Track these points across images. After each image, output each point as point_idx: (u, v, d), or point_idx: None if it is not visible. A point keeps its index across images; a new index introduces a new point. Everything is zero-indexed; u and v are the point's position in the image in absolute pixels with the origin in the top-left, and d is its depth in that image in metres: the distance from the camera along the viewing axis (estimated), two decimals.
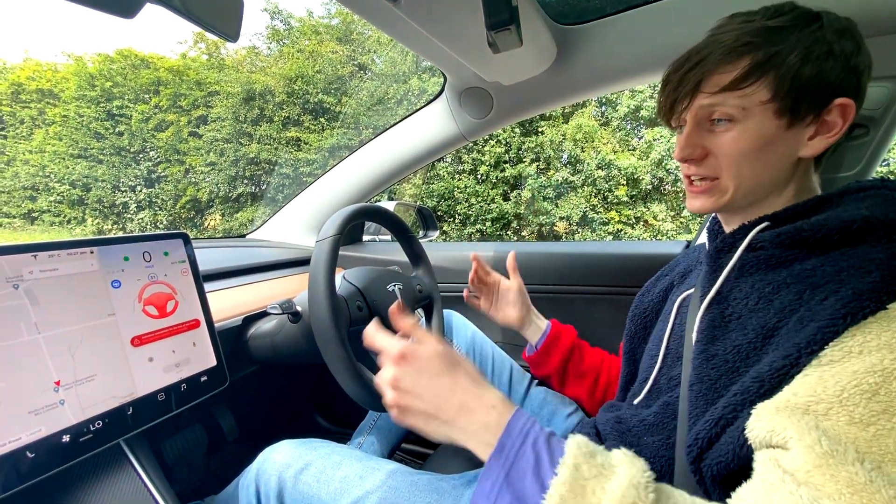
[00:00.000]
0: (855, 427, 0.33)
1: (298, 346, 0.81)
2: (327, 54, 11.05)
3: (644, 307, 0.71)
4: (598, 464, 0.36)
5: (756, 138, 0.48)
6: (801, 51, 0.45)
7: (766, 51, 0.46)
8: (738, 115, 0.48)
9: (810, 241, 0.44)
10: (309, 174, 10.27)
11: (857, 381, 0.34)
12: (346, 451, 0.71)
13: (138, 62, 11.37)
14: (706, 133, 0.51)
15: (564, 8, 0.87)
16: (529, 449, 0.38)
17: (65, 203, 11.52)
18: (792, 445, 0.34)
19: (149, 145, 11.36)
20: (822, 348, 0.37)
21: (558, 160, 9.60)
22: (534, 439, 0.39)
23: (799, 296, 0.42)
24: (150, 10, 0.44)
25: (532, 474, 0.37)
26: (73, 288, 0.56)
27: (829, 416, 0.34)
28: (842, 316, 0.37)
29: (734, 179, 0.51)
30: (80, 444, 0.54)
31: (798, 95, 0.46)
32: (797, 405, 0.35)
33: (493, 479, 0.38)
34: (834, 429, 0.33)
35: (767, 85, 0.47)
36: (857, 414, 0.33)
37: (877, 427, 0.33)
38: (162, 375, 0.64)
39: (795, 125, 0.48)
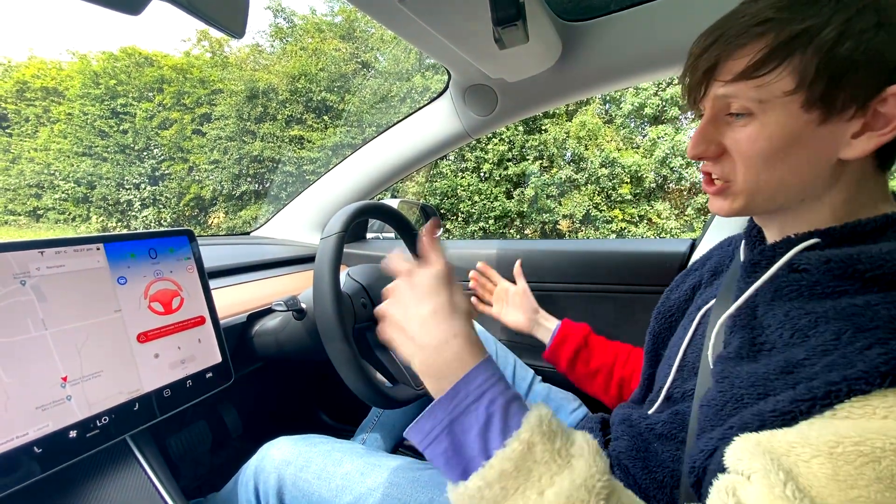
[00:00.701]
0: (835, 484, 0.28)
1: (303, 342, 0.81)
2: (330, 52, 11.06)
3: (670, 305, 0.66)
4: (554, 449, 0.33)
5: (777, 137, 0.39)
6: (839, 24, 0.35)
7: (792, 28, 0.37)
8: (755, 108, 0.40)
9: (867, 276, 0.36)
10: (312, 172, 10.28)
11: (861, 438, 0.28)
12: (346, 447, 0.71)
13: (142, 60, 11.40)
14: (724, 126, 0.43)
15: (569, 4, 0.86)
16: (483, 408, 0.35)
17: (70, 201, 11.59)
18: (755, 480, 0.30)
19: (153, 143, 11.40)
20: (842, 402, 0.31)
21: (562, 158, 9.57)
22: (491, 399, 0.35)
23: (837, 336, 0.34)
24: (155, 6, 0.43)
25: (477, 433, 0.34)
26: (79, 284, 0.57)
27: (809, 465, 0.29)
28: (881, 375, 0.30)
29: (749, 184, 0.43)
30: (86, 440, 0.55)
31: (833, 82, 0.36)
32: (780, 443, 0.31)
33: (434, 421, 0.36)
34: (809, 478, 0.29)
35: (791, 71, 0.37)
36: (843, 472, 0.28)
37: (859, 493, 0.27)
38: (167, 372, 0.64)
39: (832, 120, 0.38)
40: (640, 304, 1.12)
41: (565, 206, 9.30)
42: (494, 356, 0.96)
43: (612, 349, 0.86)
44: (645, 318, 1.10)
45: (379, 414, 1.04)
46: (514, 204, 9.56)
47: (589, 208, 9.25)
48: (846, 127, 0.38)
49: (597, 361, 0.84)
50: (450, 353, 0.38)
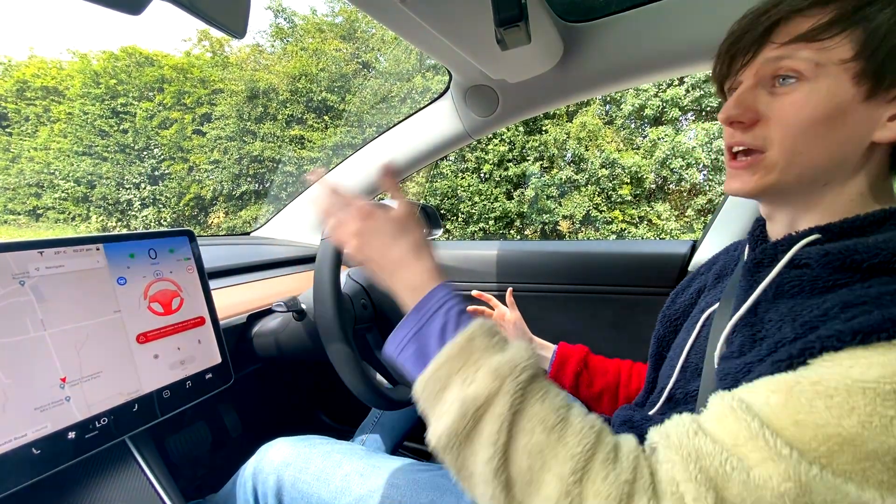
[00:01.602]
0: (784, 411, 0.31)
1: (303, 343, 0.81)
2: (331, 52, 11.05)
3: (676, 308, 0.66)
4: (492, 342, 0.39)
5: (824, 105, 0.39)
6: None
7: (857, 1, 0.38)
8: (808, 71, 0.39)
9: (863, 266, 0.37)
10: None
11: (818, 378, 0.31)
12: (346, 448, 0.71)
13: (143, 60, 11.40)
14: (764, 94, 0.43)
15: (571, 5, 0.86)
16: (441, 315, 0.42)
17: (69, 200, 11.58)
18: (709, 405, 0.35)
19: (153, 143, 11.39)
20: (815, 357, 0.33)
21: (562, 159, 9.57)
22: (448, 308, 0.42)
23: (825, 312, 0.35)
24: (156, 6, 0.43)
25: (437, 336, 0.41)
26: (79, 285, 0.57)
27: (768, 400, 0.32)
28: (852, 332, 0.31)
29: (786, 154, 0.42)
30: (85, 441, 0.55)
31: (887, 60, 0.38)
32: (744, 390, 0.35)
33: (405, 330, 0.43)
34: (762, 407, 0.32)
35: (854, 40, 0.38)
36: (794, 402, 0.31)
37: (805, 417, 0.30)
38: (167, 372, 0.64)
39: (876, 97, 0.39)
40: (641, 306, 1.12)
41: (565, 207, 9.29)
42: None
43: (614, 368, 0.84)
44: (646, 319, 1.10)
45: (379, 415, 1.04)
46: (515, 205, 9.55)
47: (589, 209, 9.25)
48: (886, 108, 0.39)
49: (599, 383, 0.82)
50: (416, 278, 0.45)
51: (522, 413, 0.35)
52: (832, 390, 0.30)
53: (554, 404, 0.36)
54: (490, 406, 0.35)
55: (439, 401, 0.38)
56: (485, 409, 0.35)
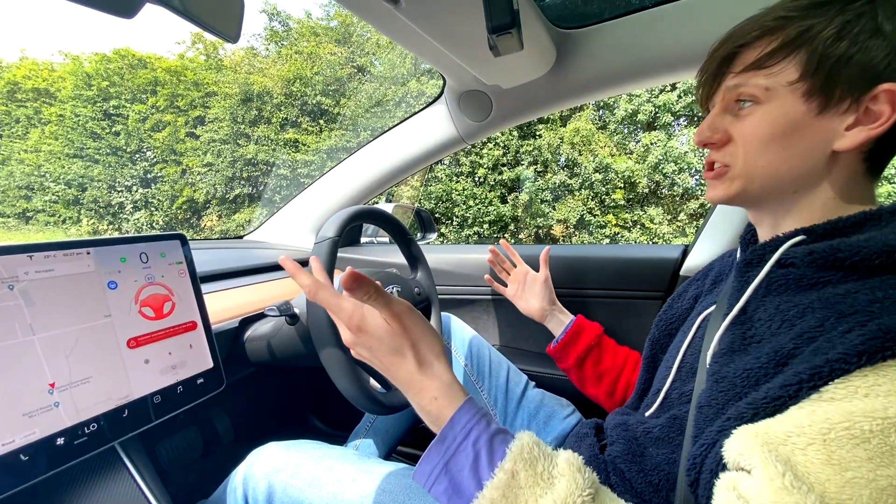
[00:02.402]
0: (830, 468, 0.30)
1: (296, 348, 0.80)
2: (326, 56, 11.06)
3: (672, 313, 0.67)
4: (537, 473, 0.35)
5: (778, 123, 0.43)
6: (838, 25, 0.40)
7: (800, 26, 0.41)
8: (761, 95, 0.44)
9: (846, 264, 0.39)
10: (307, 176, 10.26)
11: (850, 422, 0.30)
12: (339, 452, 0.70)
13: (136, 62, 11.35)
14: (731, 117, 0.47)
15: (564, 12, 0.87)
16: (470, 446, 0.38)
17: (60, 203, 11.47)
18: (755, 473, 0.32)
19: (145, 145, 11.33)
20: (827, 384, 0.33)
21: (556, 163, 9.62)
22: (476, 437, 0.38)
23: (821, 323, 0.37)
24: (149, 10, 0.43)
25: (470, 470, 0.37)
26: (68, 289, 0.56)
27: (806, 452, 0.31)
28: (857, 353, 0.32)
29: (747, 168, 0.46)
30: (74, 447, 0.54)
31: (831, 75, 0.41)
32: (777, 434, 0.33)
33: (433, 464, 0.39)
34: (806, 465, 0.31)
35: (797, 63, 0.42)
36: (836, 456, 0.30)
37: (854, 474, 0.29)
38: (158, 377, 0.64)
39: (829, 111, 0.42)
40: (634, 309, 1.13)
41: (559, 211, 9.34)
42: (488, 362, 0.96)
43: (623, 353, 0.86)
44: (639, 323, 1.11)
45: (372, 420, 1.03)
46: (509, 209, 9.58)
47: (583, 213, 9.30)
48: (841, 119, 0.42)
49: (607, 363, 0.84)
50: (432, 406, 0.41)
51: None
52: (867, 433, 0.30)
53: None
54: None
55: None
56: None
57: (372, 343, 0.42)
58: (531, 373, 1.03)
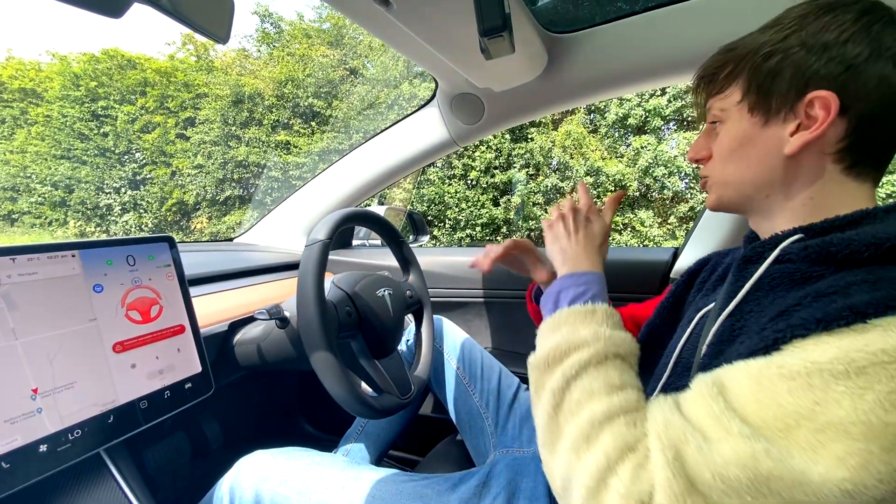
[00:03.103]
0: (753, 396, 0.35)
1: (286, 352, 0.80)
2: (318, 58, 11.02)
3: (677, 302, 0.68)
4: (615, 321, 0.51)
5: (735, 138, 0.49)
6: (772, 43, 0.45)
7: (742, 51, 0.48)
8: (721, 116, 0.51)
9: (838, 258, 0.41)
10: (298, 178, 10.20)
11: (782, 363, 0.34)
12: (328, 459, 0.70)
13: (125, 63, 11.22)
14: (713, 136, 0.53)
15: (555, 17, 0.88)
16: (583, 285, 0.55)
17: (46, 205, 11.29)
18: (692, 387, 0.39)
19: (134, 147, 11.20)
20: (783, 344, 0.36)
21: (548, 166, 9.66)
22: (595, 291, 0.54)
23: (799, 301, 0.39)
24: (138, 10, 0.43)
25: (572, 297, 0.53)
26: (53, 292, 0.55)
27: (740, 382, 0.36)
28: (815, 321, 0.35)
29: (719, 178, 0.53)
30: (58, 454, 0.53)
31: (764, 90, 0.46)
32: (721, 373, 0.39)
33: (560, 285, 0.56)
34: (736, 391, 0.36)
35: (740, 85, 0.48)
36: (762, 386, 0.35)
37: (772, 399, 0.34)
38: (145, 382, 0.63)
39: (771, 121, 0.47)
40: None
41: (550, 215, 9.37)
42: (480, 365, 0.96)
43: None
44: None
45: (364, 424, 1.02)
46: (501, 211, 9.59)
47: None
48: (784, 127, 0.46)
49: None
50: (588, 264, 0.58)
51: (599, 366, 0.45)
52: (794, 373, 0.33)
53: (625, 378, 0.45)
54: (579, 349, 0.46)
55: (549, 335, 0.50)
56: (574, 350, 0.46)
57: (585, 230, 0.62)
58: (523, 375, 1.03)
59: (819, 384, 0.32)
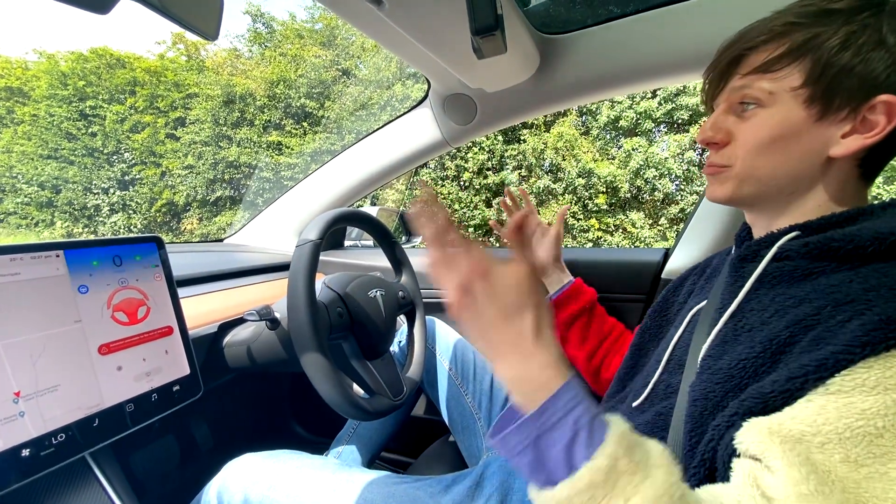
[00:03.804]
0: (847, 466, 0.32)
1: (277, 353, 0.79)
2: (310, 58, 10.98)
3: (666, 307, 0.68)
4: (635, 461, 0.34)
5: (778, 127, 0.44)
6: (843, 35, 0.41)
7: (807, 33, 0.42)
8: (765, 99, 0.45)
9: (840, 254, 0.40)
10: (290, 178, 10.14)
11: (864, 420, 0.32)
12: (318, 462, 0.69)
13: (114, 62, 11.10)
14: (734, 118, 0.48)
15: (547, 18, 0.88)
16: (571, 423, 0.36)
17: (32, 205, 11.13)
18: (777, 472, 0.32)
19: (123, 147, 11.08)
20: (832, 376, 0.34)
21: (540, 168, 9.71)
22: (578, 416, 0.36)
23: (818, 311, 0.37)
24: (127, 7, 0.42)
25: (564, 447, 0.35)
26: (36, 293, 0.54)
27: (823, 450, 0.32)
28: (861, 344, 0.33)
29: (746, 169, 0.47)
30: (41, 459, 0.52)
31: (832, 84, 0.42)
32: (792, 431, 0.33)
33: (522, 436, 0.36)
34: (825, 464, 0.32)
35: (801, 69, 0.43)
36: (853, 454, 0.32)
37: (870, 469, 0.31)
38: (131, 385, 0.61)
39: (827, 118, 0.43)
40: (616, 312, 1.13)
41: (544, 216, 9.42)
42: (472, 366, 0.96)
43: (610, 322, 0.88)
44: None
45: (355, 426, 1.02)
46: (494, 212, 9.62)
47: (566, 217, 9.40)
48: (838, 127, 0.43)
49: (594, 327, 0.86)
50: (540, 375, 0.37)
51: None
52: (881, 429, 0.31)
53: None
54: None
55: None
56: None
57: (496, 292, 0.38)
58: None
59: None
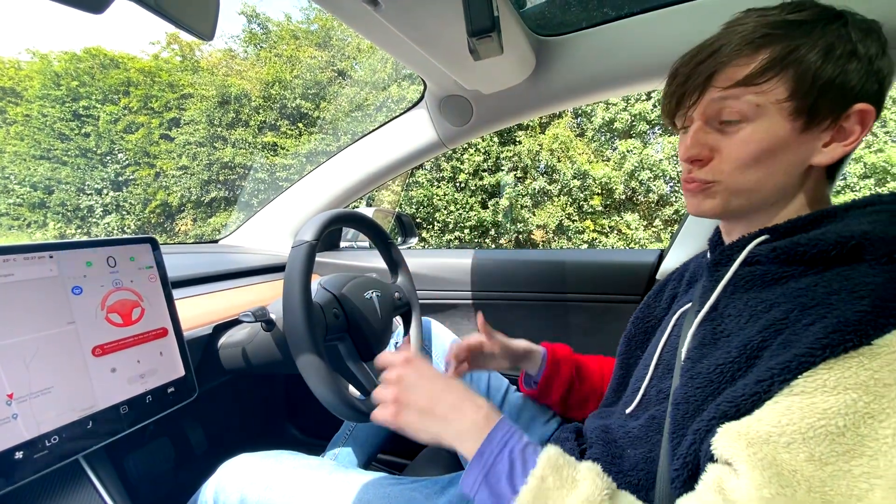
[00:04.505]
0: (813, 465, 0.33)
1: (272, 355, 0.79)
2: (306, 59, 10.95)
3: (649, 313, 0.69)
4: (563, 476, 0.40)
5: (767, 140, 0.44)
6: (823, 47, 0.42)
7: (787, 45, 0.42)
8: (751, 112, 0.44)
9: (806, 258, 0.41)
10: (285, 179, 10.11)
11: (825, 420, 0.33)
12: (315, 463, 0.69)
13: (107, 62, 11.02)
14: (714, 132, 0.47)
15: (543, 20, 0.89)
16: (506, 457, 0.43)
17: (25, 206, 11.02)
18: (742, 476, 0.34)
19: (117, 147, 10.99)
20: (796, 377, 0.35)
21: (535, 169, 9.73)
22: (510, 449, 0.43)
23: (786, 315, 0.39)
24: (121, 6, 0.42)
25: (506, 479, 0.41)
26: (29, 295, 0.53)
27: (789, 450, 0.34)
28: (821, 346, 0.34)
29: (735, 184, 0.47)
30: (34, 461, 0.51)
31: (818, 96, 0.42)
32: (759, 433, 0.35)
33: (473, 476, 0.43)
34: (791, 464, 0.33)
35: (786, 82, 0.43)
36: (817, 452, 0.33)
37: (834, 468, 0.32)
38: (125, 387, 0.61)
39: (811, 129, 0.44)
40: (612, 313, 1.14)
41: (539, 217, 9.43)
42: None
43: (597, 366, 0.82)
44: (616, 326, 1.11)
45: (351, 427, 1.01)
46: (490, 214, 9.63)
47: (562, 219, 9.41)
48: (821, 136, 0.44)
49: (588, 385, 0.80)
50: (469, 421, 0.46)
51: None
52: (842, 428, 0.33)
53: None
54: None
55: None
56: None
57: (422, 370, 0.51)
58: (511, 377, 1.03)
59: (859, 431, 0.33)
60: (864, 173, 8.00)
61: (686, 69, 0.47)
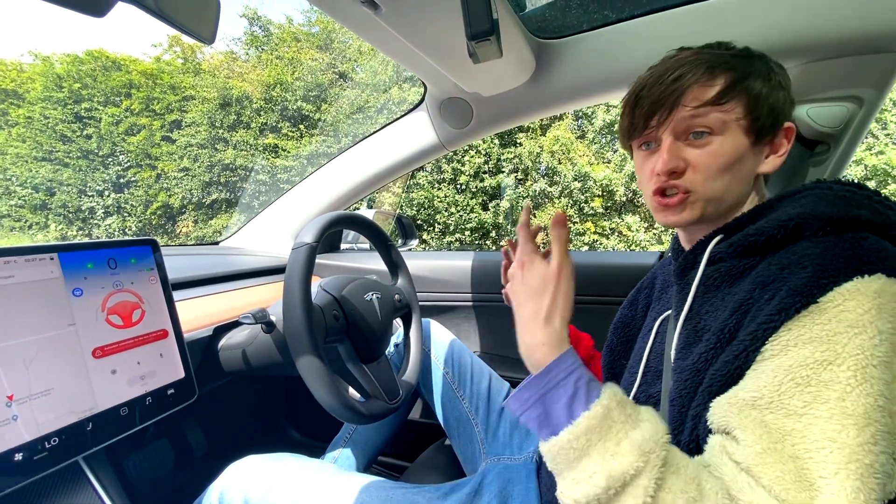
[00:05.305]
0: (790, 419, 0.37)
1: (272, 356, 0.79)
2: (307, 62, 10.97)
3: (627, 320, 0.72)
4: (627, 412, 0.40)
5: (731, 152, 0.50)
6: (763, 77, 0.51)
7: (739, 73, 0.50)
8: (718, 128, 0.50)
9: (759, 245, 0.47)
10: (286, 181, 10.12)
11: (791, 374, 0.37)
12: (317, 466, 0.69)
13: (109, 64, 11.04)
14: (684, 146, 0.52)
15: (543, 23, 0.89)
16: (572, 383, 0.42)
17: (27, 207, 11.04)
18: (739, 439, 0.38)
19: (119, 149, 11.00)
20: (764, 344, 0.40)
21: (536, 171, 9.73)
22: (577, 377, 0.43)
23: (750, 295, 0.44)
24: (122, 9, 0.42)
25: (565, 403, 0.42)
26: (30, 296, 0.54)
27: (771, 409, 0.38)
28: (777, 311, 0.40)
29: (707, 192, 0.52)
30: (34, 463, 0.51)
31: (763, 116, 0.50)
32: (745, 399, 0.39)
33: (530, 392, 0.43)
34: (776, 422, 0.37)
35: (742, 103, 0.50)
36: (792, 406, 0.37)
37: (808, 417, 0.36)
38: (125, 388, 0.61)
39: (759, 143, 0.52)
40: (613, 315, 1.14)
41: (539, 219, 9.44)
42: (469, 369, 0.96)
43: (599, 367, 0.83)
44: None
45: (351, 430, 1.01)
46: (490, 216, 9.62)
47: None
48: (763, 150, 0.53)
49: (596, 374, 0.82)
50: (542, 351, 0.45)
51: (663, 486, 0.37)
52: (807, 378, 0.37)
53: (689, 474, 0.38)
54: (635, 480, 0.37)
55: (576, 468, 0.39)
56: (629, 483, 0.37)
57: (526, 276, 0.49)
58: (513, 379, 1.03)
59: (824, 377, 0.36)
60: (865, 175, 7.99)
61: (655, 91, 0.53)
